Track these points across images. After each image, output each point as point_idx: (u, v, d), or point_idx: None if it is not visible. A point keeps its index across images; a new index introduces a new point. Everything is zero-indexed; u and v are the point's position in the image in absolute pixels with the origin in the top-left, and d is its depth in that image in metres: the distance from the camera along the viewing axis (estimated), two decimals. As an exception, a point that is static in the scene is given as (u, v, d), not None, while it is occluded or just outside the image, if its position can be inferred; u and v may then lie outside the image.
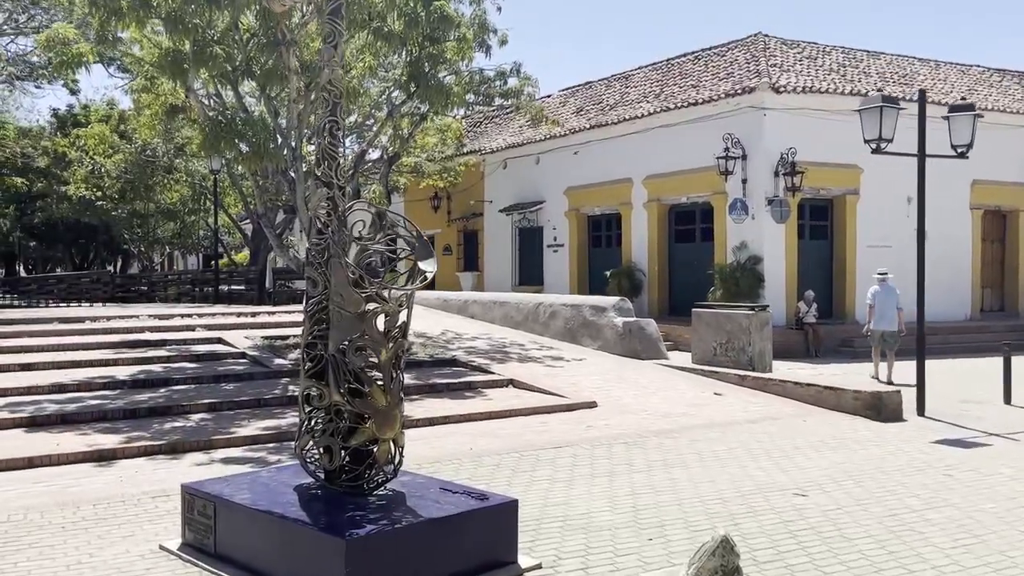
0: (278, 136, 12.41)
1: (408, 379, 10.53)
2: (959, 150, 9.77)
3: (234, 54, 11.48)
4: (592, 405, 9.62)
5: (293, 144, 12.46)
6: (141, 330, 13.19)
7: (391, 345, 4.67)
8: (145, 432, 7.91)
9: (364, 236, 4.72)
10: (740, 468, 7.02)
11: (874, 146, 9.43)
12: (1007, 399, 10.51)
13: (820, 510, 5.77)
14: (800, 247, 18.63)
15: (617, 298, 13.54)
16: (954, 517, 5.58)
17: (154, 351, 11.78)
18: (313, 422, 4.84)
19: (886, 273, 13.63)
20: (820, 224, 19.37)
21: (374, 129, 14.11)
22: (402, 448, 4.81)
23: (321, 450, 4.81)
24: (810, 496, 6.13)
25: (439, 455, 7.36)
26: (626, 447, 7.78)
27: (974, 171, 20.29)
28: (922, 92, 9.39)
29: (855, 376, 13.30)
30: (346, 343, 4.67)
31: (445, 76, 13.13)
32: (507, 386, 10.69)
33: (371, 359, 4.67)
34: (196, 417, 8.64)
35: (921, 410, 9.57)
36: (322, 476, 4.82)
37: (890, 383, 11.98)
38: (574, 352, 12.87)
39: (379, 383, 4.67)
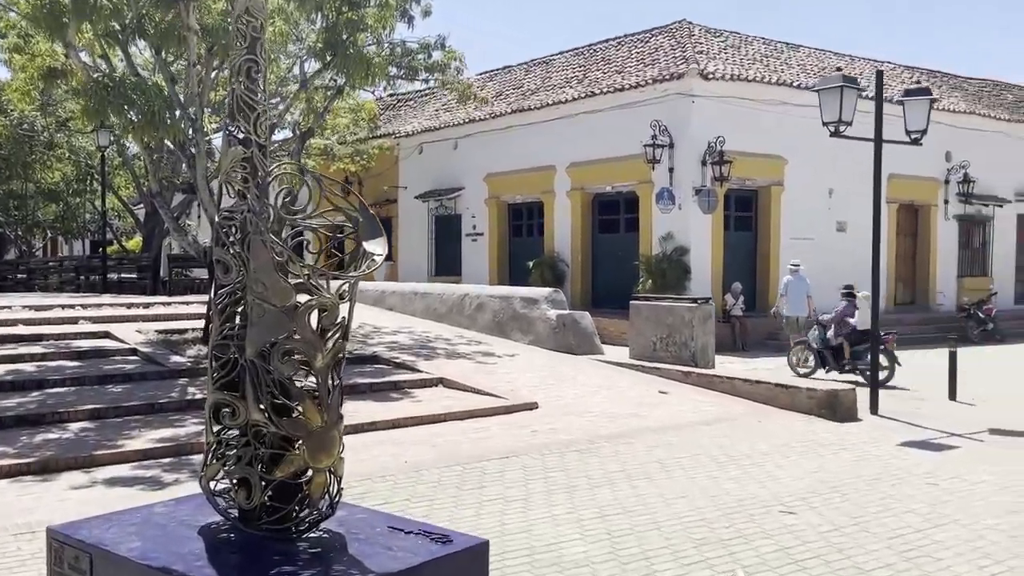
0: (175, 106, 11.01)
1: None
2: (913, 136, 9.37)
3: (123, 9, 10.04)
4: (533, 407, 8.78)
5: (193, 116, 11.09)
6: (13, 323, 11.55)
7: (329, 348, 3.65)
8: (10, 447, 6.59)
9: (294, 208, 3.68)
10: (710, 479, 6.31)
11: (833, 129, 8.91)
12: (952, 395, 10.24)
13: (817, 532, 5.08)
14: (726, 239, 18.31)
15: (550, 289, 12.75)
16: (963, 537, 4.99)
17: (27, 347, 10.25)
18: (224, 447, 3.78)
19: (799, 264, 15.15)
20: (745, 215, 19.12)
21: (282, 106, 12.81)
22: (341, 478, 3.81)
23: (235, 483, 3.75)
24: (798, 514, 5.45)
25: (369, 470, 6.36)
26: (580, 456, 6.96)
27: (890, 165, 20.43)
28: (879, 73, 8.92)
29: (787, 370, 12.96)
30: (269, 345, 3.63)
31: (365, 46, 11.98)
32: (437, 385, 9.72)
33: (303, 366, 3.66)
34: (75, 427, 7.34)
35: (875, 409, 9.15)
36: (236, 515, 3.76)
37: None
38: (505, 347, 12.00)
39: (313, 397, 3.66)
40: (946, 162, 21.37)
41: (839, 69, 8.81)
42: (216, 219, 3.93)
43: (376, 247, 3.74)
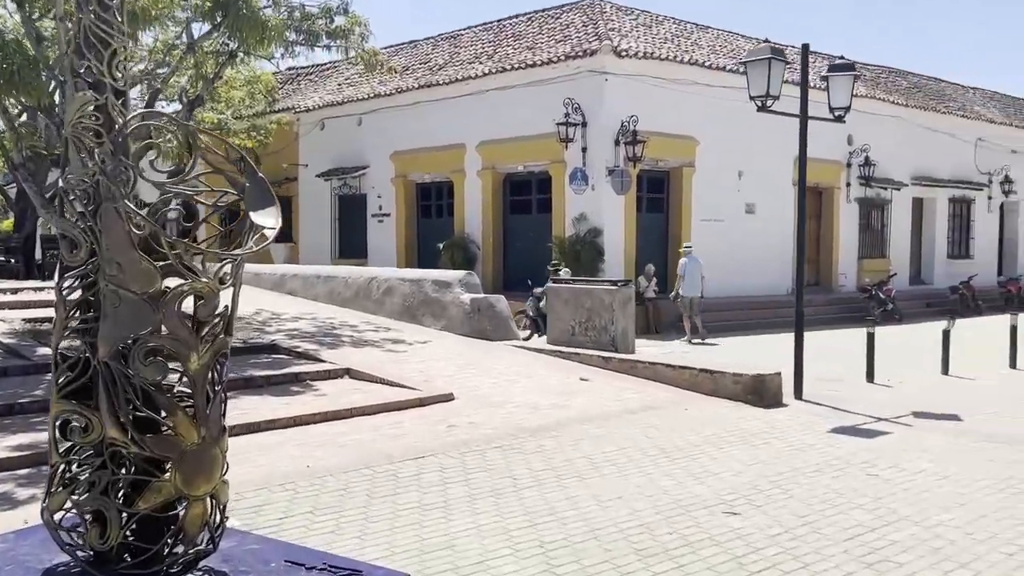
0: (40, 67, 9.78)
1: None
2: (836, 113, 9.15)
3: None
4: (449, 398, 8.14)
5: (63, 78, 9.85)
6: None
7: (207, 347, 2.93)
8: None
9: (162, 170, 2.93)
10: (644, 476, 5.83)
11: (760, 103, 8.56)
12: (869, 377, 10.17)
13: (767, 536, 4.65)
14: (639, 220, 18.07)
15: (463, 272, 12.10)
16: (920, 536, 4.66)
17: None
18: (73, 469, 3.02)
19: (691, 246, 16.15)
20: (657, 197, 18.93)
21: (167, 70, 11.61)
22: (225, 505, 3.10)
23: (88, 517, 2.99)
24: (743, 515, 5.02)
25: (266, 477, 5.60)
26: (502, 453, 6.38)
27: (796, 148, 20.69)
28: (805, 46, 8.63)
29: (704, 354, 12.77)
30: (128, 343, 2.88)
31: (260, 8, 10.96)
32: (343, 377, 8.95)
33: (173, 369, 2.93)
34: (-87, 434, 6.27)
35: (799, 393, 8.93)
36: (90, 556, 3.00)
37: (701, 337, 15.11)
38: (416, 334, 11.30)
39: (187, 408, 2.94)
40: (848, 145, 21.75)
41: (766, 40, 8.42)
42: (60, 183, 3.12)
43: (266, 219, 3.03)
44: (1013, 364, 11.47)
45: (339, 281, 13.48)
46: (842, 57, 9.02)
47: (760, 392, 8.48)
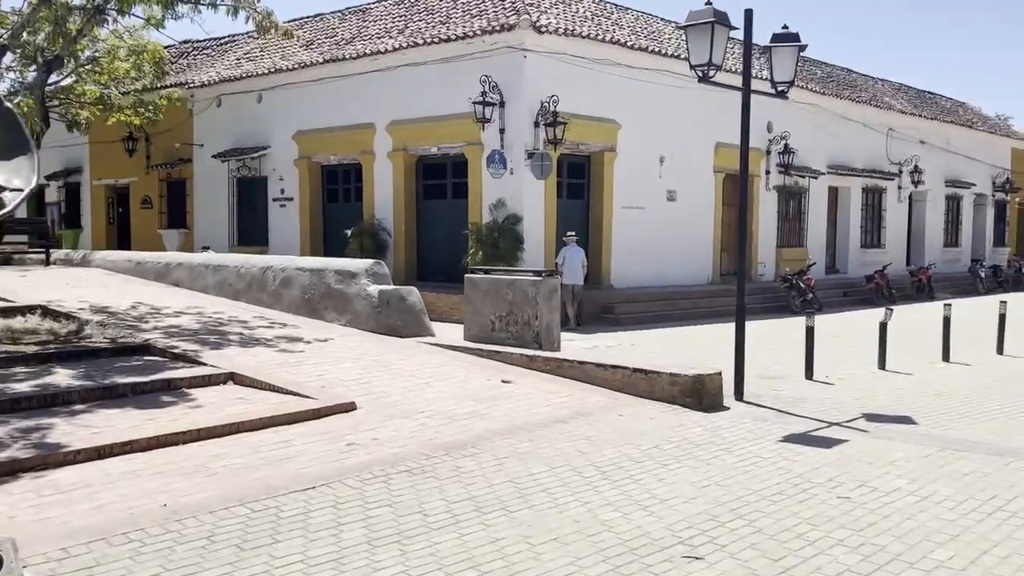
0: None
1: (71, 378, 7.18)
2: (780, 88, 8.38)
3: None
4: (350, 407, 7.00)
5: None
6: None
7: None
8: None
9: None
10: (582, 506, 4.87)
11: (702, 73, 7.69)
12: (808, 374, 9.52)
13: (741, 590, 3.75)
14: (559, 207, 17.17)
15: (371, 262, 10.89)
16: (921, 584, 3.84)
17: None
18: None
19: (574, 235, 15.79)
20: (578, 182, 18.07)
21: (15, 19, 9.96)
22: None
23: None
24: (706, 559, 4.11)
25: (106, 523, 4.39)
26: (411, 479, 5.31)
27: (717, 134, 20.26)
28: (748, 11, 7.80)
29: (632, 350, 11.97)
30: None
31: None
32: (226, 383, 7.69)
33: None
34: None
35: (740, 394, 8.15)
36: None
37: (577, 323, 15.21)
38: (316, 330, 10.07)
39: None
40: (768, 132, 21.42)
41: (708, 2, 7.55)
42: None
43: (18, 173, 1.89)
44: (946, 357, 11.07)
45: (230, 271, 12.08)
46: (785, 27, 8.23)
47: (699, 394, 7.66)
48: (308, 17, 23.08)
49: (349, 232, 17.97)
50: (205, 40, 25.18)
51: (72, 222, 25.66)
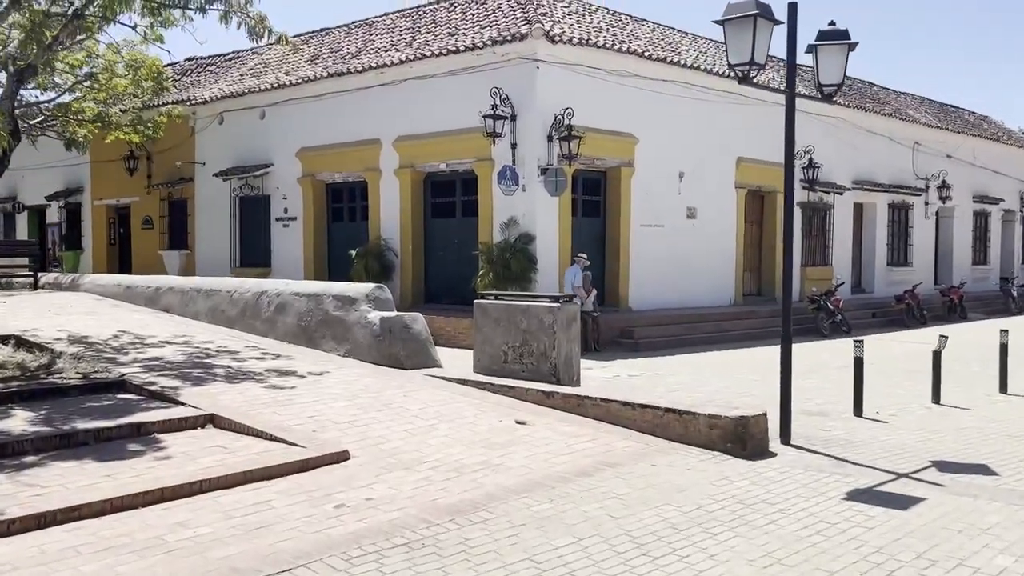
0: None
1: (28, 422, 6.31)
2: (827, 91, 7.48)
3: None
4: (342, 457, 6.09)
5: None
6: None
7: None
8: None
9: None
10: (619, 597, 3.94)
11: (742, 73, 6.81)
12: (857, 410, 8.55)
13: None
14: (574, 225, 16.29)
15: (372, 286, 10.00)
16: None
17: None
18: None
19: (584, 257, 15.02)
20: (593, 199, 17.19)
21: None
22: None
23: None
24: None
25: (25, 627, 3.49)
26: (408, 557, 4.39)
27: (738, 148, 19.38)
28: (792, 4, 6.91)
29: (652, 377, 11.02)
30: None
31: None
32: (205, 426, 6.81)
33: None
34: None
35: (787, 436, 7.20)
36: None
37: (595, 348, 14.34)
38: (312, 362, 9.18)
39: None
40: (792, 147, 20.47)
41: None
42: None
43: None
44: (1004, 389, 10.07)
45: (222, 296, 11.22)
46: (832, 23, 7.33)
47: (743, 439, 6.71)
48: (314, 32, 22.42)
49: (354, 253, 17.13)
50: (209, 57, 24.59)
51: (73, 243, 24.98)
